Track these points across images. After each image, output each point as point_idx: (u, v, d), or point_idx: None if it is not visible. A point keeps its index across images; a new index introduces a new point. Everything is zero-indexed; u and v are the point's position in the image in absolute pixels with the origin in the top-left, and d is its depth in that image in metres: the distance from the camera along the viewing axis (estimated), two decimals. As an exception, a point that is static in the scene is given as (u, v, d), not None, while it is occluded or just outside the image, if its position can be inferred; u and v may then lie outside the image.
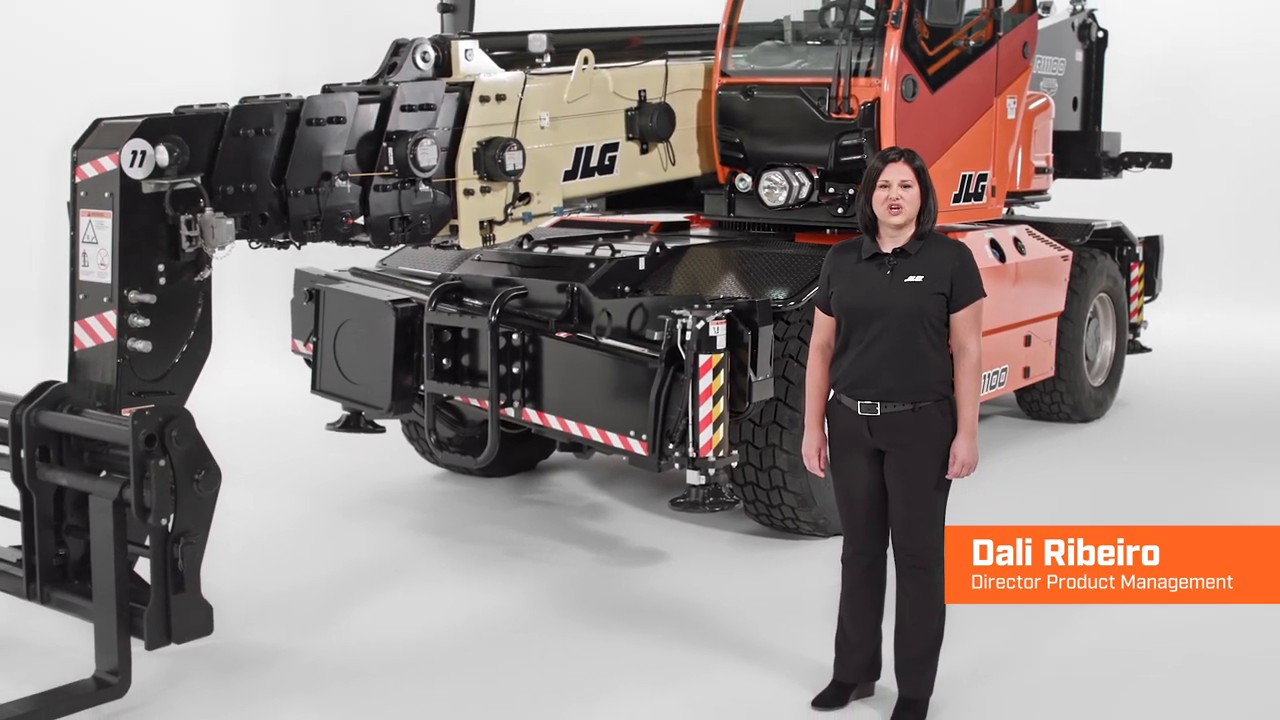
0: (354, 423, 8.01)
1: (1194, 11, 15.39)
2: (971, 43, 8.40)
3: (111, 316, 5.45)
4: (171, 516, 4.99)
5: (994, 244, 9.00)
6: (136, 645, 5.14)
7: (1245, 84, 15.35)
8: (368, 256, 8.25)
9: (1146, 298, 11.20)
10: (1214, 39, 15.26)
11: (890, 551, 5.10)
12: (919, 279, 4.84)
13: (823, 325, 5.09)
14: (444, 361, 7.27)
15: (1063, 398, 10.16)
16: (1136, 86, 13.62)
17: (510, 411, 7.13)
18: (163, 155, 5.36)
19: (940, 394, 4.87)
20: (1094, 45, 11.17)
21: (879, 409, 4.85)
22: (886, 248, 4.92)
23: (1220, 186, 15.25)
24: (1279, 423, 10.60)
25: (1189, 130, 14.50)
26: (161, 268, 5.52)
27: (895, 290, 4.84)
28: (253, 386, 10.52)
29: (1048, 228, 10.05)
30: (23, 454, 5.28)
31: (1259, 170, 15.35)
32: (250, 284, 9.55)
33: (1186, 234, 12.97)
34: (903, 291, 4.84)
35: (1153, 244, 11.32)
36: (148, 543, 5.11)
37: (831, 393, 5.06)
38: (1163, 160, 11.39)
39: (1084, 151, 11.10)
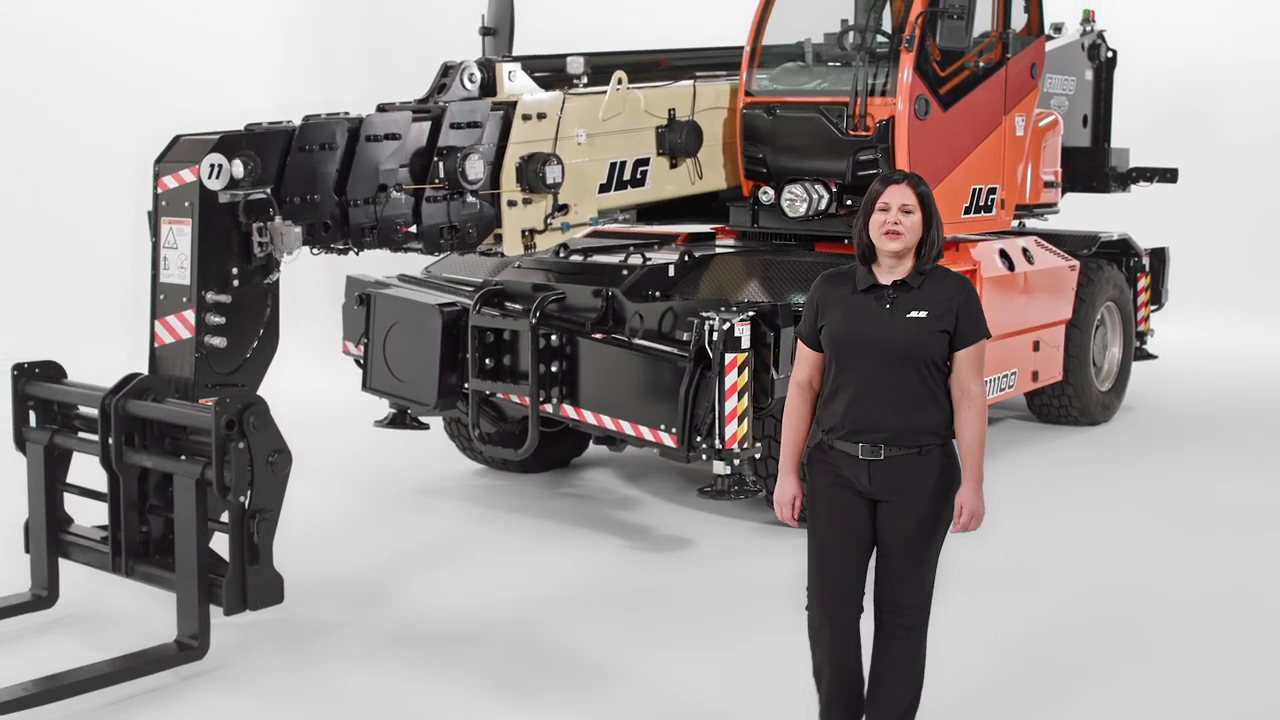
0: (400, 419, 8.40)
1: (1201, 32, 15.65)
2: (981, 64, 8.79)
3: (190, 315, 5.92)
4: (248, 494, 5.47)
5: (1003, 254, 9.41)
6: (214, 613, 5.62)
7: (1250, 102, 15.63)
8: (414, 263, 8.74)
9: (1153, 307, 11.51)
10: (1220, 59, 15.54)
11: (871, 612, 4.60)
12: (922, 314, 4.36)
13: (806, 360, 4.57)
14: (487, 361, 7.72)
15: (1071, 401, 10.48)
16: (1145, 104, 13.94)
17: (549, 407, 7.56)
18: (238, 168, 5.82)
19: (944, 437, 4.43)
20: (1103, 65, 11.52)
21: (883, 453, 4.37)
22: (885, 279, 4.42)
23: (1225, 200, 15.52)
24: (1278, 427, 10.93)
25: (1195, 146, 14.78)
26: (235, 271, 6.00)
27: (896, 326, 4.36)
28: (300, 390, 10.92)
29: (1056, 239, 10.41)
30: (111, 440, 5.75)
31: (1263, 185, 15.63)
32: (293, 291, 9.99)
33: (1192, 246, 13.25)
34: (904, 327, 4.36)
35: (1159, 255, 11.63)
36: (223, 519, 5.61)
37: (819, 435, 4.54)
38: (1169, 175, 11.73)
39: (1093, 166, 11.45)
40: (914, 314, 4.36)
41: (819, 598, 4.53)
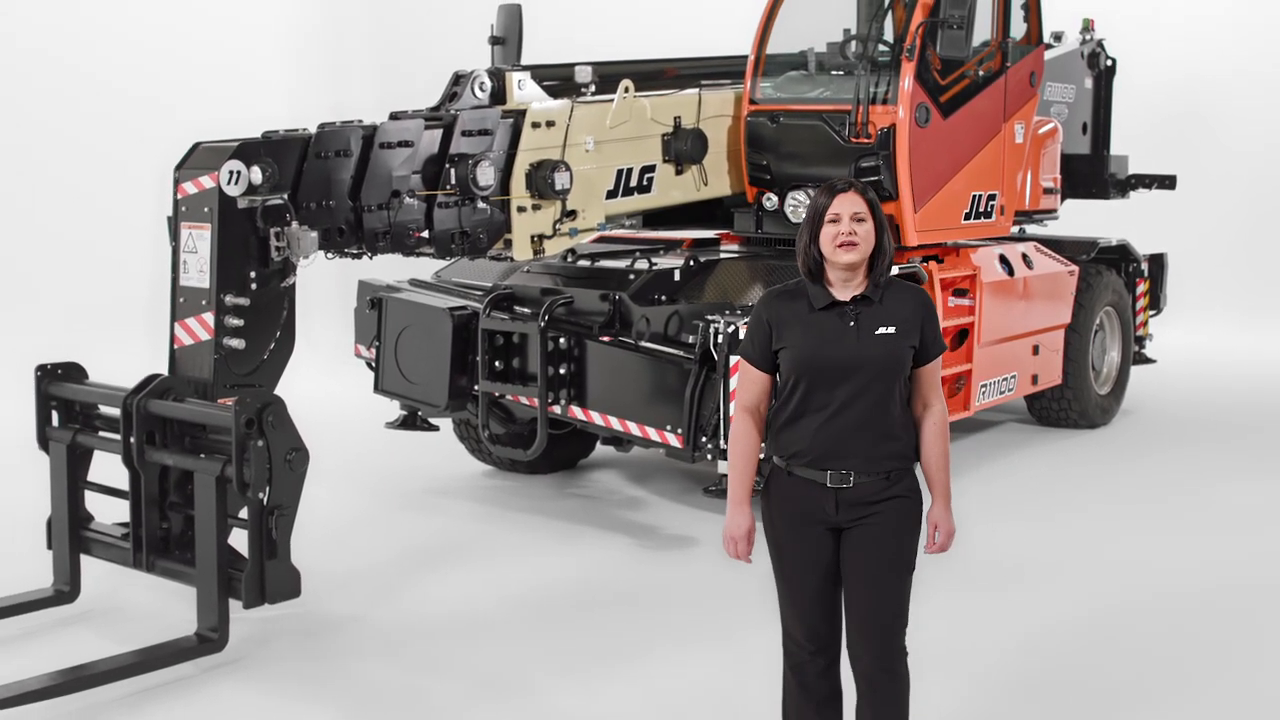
0: (411, 421, 8.53)
1: (1200, 40, 15.78)
2: (981, 73, 8.94)
3: (209, 317, 6.08)
4: (267, 491, 5.62)
5: (1003, 259, 9.54)
6: (233, 607, 5.77)
7: (1248, 109, 15.74)
8: (425, 268, 8.88)
9: (1151, 312, 11.62)
10: (1219, 66, 15.66)
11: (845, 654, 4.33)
12: (890, 330, 4.11)
13: (755, 383, 4.27)
14: (497, 363, 7.84)
15: (1070, 405, 10.58)
16: (1144, 111, 14.05)
17: (558, 409, 7.69)
18: (256, 175, 5.99)
19: (912, 458, 4.23)
20: (1103, 73, 11.65)
21: (851, 480, 4.10)
22: (842, 295, 4.15)
23: (1223, 206, 15.63)
24: (1275, 430, 11.03)
25: (1194, 153, 14.90)
26: (253, 274, 6.16)
27: (866, 344, 4.09)
28: (313, 392, 11.02)
29: (1056, 245, 10.53)
30: (132, 439, 5.91)
31: (1261, 190, 15.74)
32: (305, 296, 10.13)
33: (1190, 251, 13.34)
34: (875, 345, 4.10)
35: (1158, 261, 11.73)
36: (241, 515, 5.77)
37: (776, 462, 4.27)
38: (1168, 182, 11.85)
39: (1093, 173, 11.56)
40: (883, 330, 4.11)
41: (802, 631, 4.27)
